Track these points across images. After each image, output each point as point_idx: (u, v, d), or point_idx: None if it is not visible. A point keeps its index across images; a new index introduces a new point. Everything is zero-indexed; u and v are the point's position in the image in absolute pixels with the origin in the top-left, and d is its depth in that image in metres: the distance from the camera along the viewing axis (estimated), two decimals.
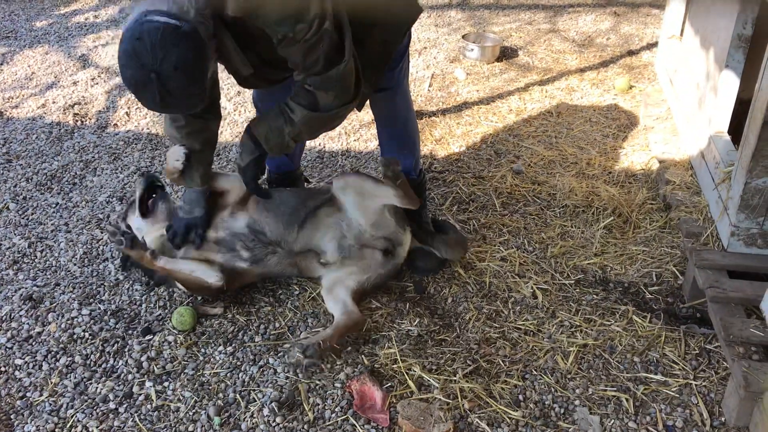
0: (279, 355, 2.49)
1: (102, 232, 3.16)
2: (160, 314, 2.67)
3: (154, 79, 1.98)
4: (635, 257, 2.98)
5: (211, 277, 2.62)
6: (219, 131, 2.79)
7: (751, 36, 2.98)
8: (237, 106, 4.33)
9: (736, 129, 2.97)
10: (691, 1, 3.88)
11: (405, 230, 2.74)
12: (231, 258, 2.67)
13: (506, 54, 5.13)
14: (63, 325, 2.61)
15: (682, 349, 2.50)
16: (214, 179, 2.74)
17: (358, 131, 4.08)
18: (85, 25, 5.65)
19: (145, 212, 2.82)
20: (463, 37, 5.16)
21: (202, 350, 2.51)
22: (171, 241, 2.69)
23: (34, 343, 2.54)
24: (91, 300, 2.75)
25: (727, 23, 3.04)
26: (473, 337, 2.57)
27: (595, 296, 2.78)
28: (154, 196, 2.86)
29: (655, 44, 5.11)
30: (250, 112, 4.19)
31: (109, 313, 2.68)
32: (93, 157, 3.81)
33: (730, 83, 3.06)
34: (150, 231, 2.77)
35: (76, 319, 2.65)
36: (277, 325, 2.63)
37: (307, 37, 2.14)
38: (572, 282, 2.85)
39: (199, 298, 2.73)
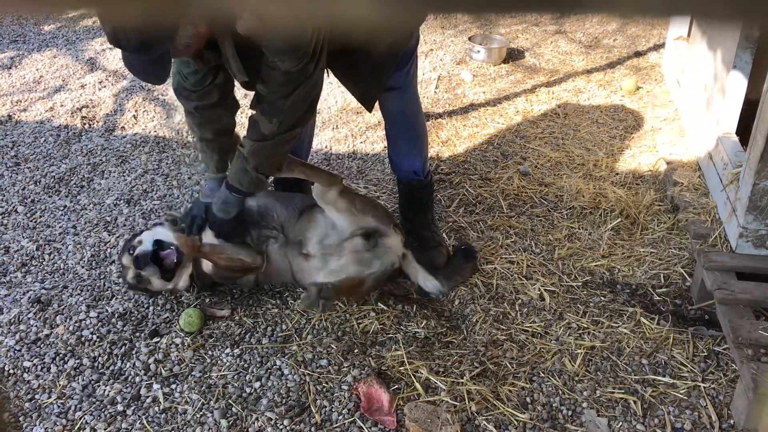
0: (287, 356, 2.49)
1: (109, 235, 3.18)
2: (167, 317, 2.68)
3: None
4: (643, 259, 2.97)
5: (254, 257, 2.67)
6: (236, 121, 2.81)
7: (758, 36, 2.97)
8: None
9: (744, 130, 2.96)
10: None
11: (390, 227, 2.72)
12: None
13: (513, 55, 5.13)
14: (71, 328, 2.62)
15: (690, 351, 2.49)
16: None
17: (364, 133, 4.08)
18: (93, 29, 5.68)
19: (169, 278, 2.65)
20: (469, 38, 5.16)
21: (210, 353, 2.52)
22: (190, 226, 2.69)
23: (42, 346, 2.55)
24: (99, 302, 2.76)
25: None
26: (480, 339, 2.57)
27: (602, 298, 2.77)
28: (165, 251, 2.65)
29: (662, 45, 5.09)
30: None
31: (116, 315, 2.69)
32: (100, 160, 3.83)
33: (737, 84, 3.05)
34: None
35: (84, 322, 2.66)
36: (284, 327, 2.63)
37: (293, 70, 2.25)
38: (579, 284, 2.85)
39: (207, 299, 2.74)
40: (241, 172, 2.52)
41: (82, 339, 2.57)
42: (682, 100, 3.89)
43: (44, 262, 3.02)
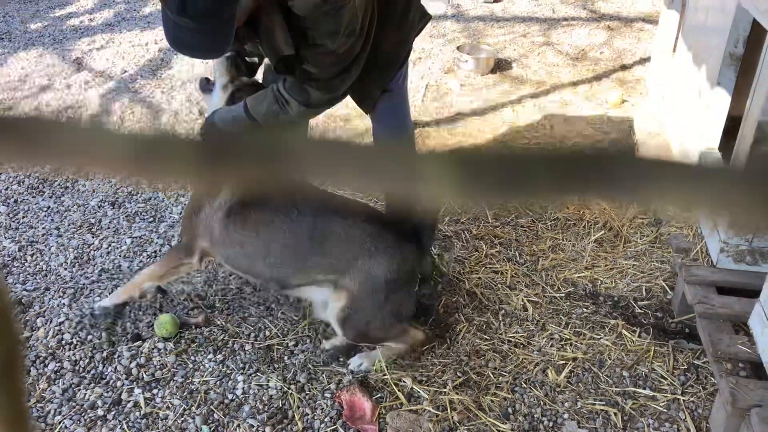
0: (270, 362, 2.48)
1: (93, 237, 3.15)
2: (150, 321, 2.66)
3: None
4: (625, 271, 3.00)
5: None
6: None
7: (742, 55, 3.01)
8: None
9: (726, 145, 3.00)
10: (684, 18, 3.92)
11: None
12: None
13: (500, 66, 5.16)
14: (52, 331, 2.60)
15: (670, 364, 2.51)
16: None
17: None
18: (80, 28, 5.64)
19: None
20: (457, 48, 5.19)
21: (192, 358, 2.51)
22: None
23: (22, 348, 2.53)
24: (81, 305, 2.73)
25: (719, 41, 3.07)
26: (464, 349, 2.58)
27: (584, 309, 2.79)
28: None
29: (647, 59, 5.14)
30: None
31: (99, 318, 2.66)
32: None
33: (721, 100, 3.09)
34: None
35: (65, 325, 2.63)
36: (267, 333, 2.63)
37: (342, 50, 2.29)
38: (562, 295, 2.87)
39: (184, 309, 2.73)
40: (272, 115, 2.46)
41: (63, 342, 2.55)
42: (666, 114, 3.93)
43: (26, 264, 3.00)
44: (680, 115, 3.62)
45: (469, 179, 0.53)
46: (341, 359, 2.50)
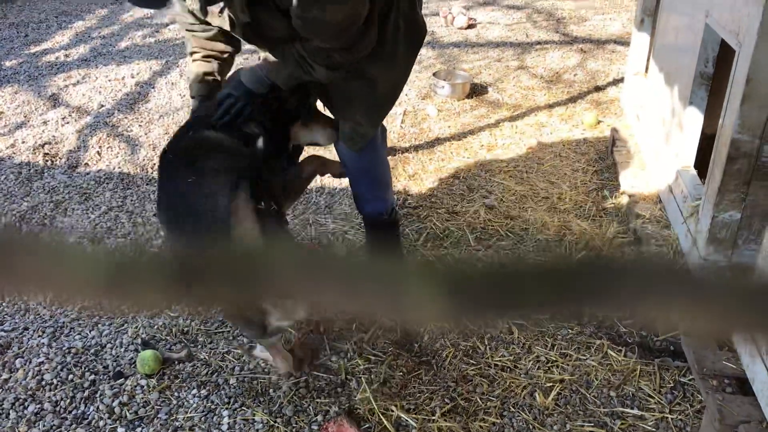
0: (255, 396, 2.45)
1: None
2: (131, 357, 2.62)
3: None
4: None
5: None
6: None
7: (712, 74, 3.07)
8: None
9: (701, 163, 3.04)
10: (655, 39, 3.99)
11: None
12: None
13: (476, 91, 5.22)
14: (32, 372, 2.55)
15: (657, 383, 2.52)
16: None
17: None
18: (56, 64, 5.63)
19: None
20: (434, 74, 5.24)
21: (176, 394, 2.47)
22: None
23: (0, 391, 2.48)
24: (62, 344, 2.69)
25: (690, 61, 3.13)
26: (451, 375, 2.56)
27: (570, 330, 2.79)
28: None
29: (621, 80, 5.23)
30: None
31: (80, 356, 2.62)
32: (63, 197, 3.77)
33: (694, 119, 3.14)
34: None
35: (44, 365, 2.59)
36: (252, 366, 2.60)
37: (342, 19, 2.08)
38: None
39: (167, 345, 2.69)
40: (295, 79, 2.29)
41: (43, 383, 2.50)
42: (641, 134, 3.99)
43: (4, 304, 2.94)
44: (655, 134, 3.67)
45: (459, 298, 0.52)
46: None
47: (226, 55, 2.52)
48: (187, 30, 2.45)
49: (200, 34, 2.43)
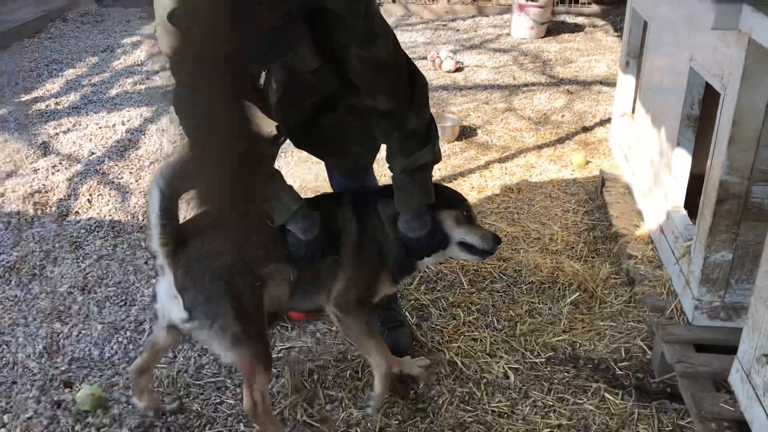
0: None
1: (62, 325, 3.07)
2: (118, 412, 2.58)
3: None
4: (603, 333, 3.00)
5: None
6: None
7: (698, 115, 3.12)
8: None
9: (692, 203, 3.06)
10: (640, 80, 4.06)
11: None
12: None
13: (465, 133, 5.26)
14: (20, 427, 2.50)
15: (655, 426, 2.49)
16: None
17: None
18: (46, 112, 5.64)
19: None
20: None
21: None
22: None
23: None
24: (51, 398, 2.64)
25: (675, 103, 3.17)
26: (447, 422, 2.53)
27: (566, 374, 2.77)
28: None
29: (608, 120, 5.30)
30: None
31: (69, 411, 2.57)
32: (53, 246, 3.74)
33: (682, 160, 3.17)
34: None
35: (33, 420, 2.53)
36: (242, 416, 2.55)
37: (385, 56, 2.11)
38: (543, 360, 2.85)
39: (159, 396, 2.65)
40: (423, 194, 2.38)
41: None
42: (630, 174, 4.02)
43: None
44: (644, 175, 3.70)
45: None
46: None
47: None
48: None
49: None
